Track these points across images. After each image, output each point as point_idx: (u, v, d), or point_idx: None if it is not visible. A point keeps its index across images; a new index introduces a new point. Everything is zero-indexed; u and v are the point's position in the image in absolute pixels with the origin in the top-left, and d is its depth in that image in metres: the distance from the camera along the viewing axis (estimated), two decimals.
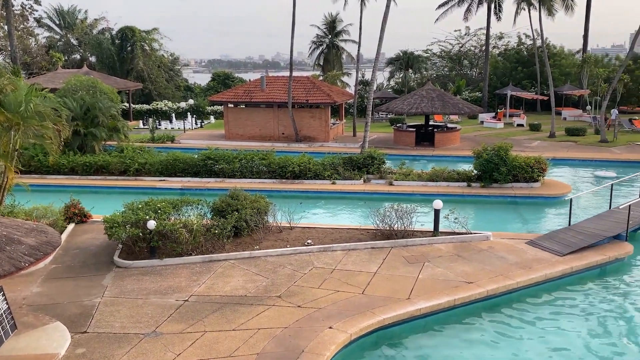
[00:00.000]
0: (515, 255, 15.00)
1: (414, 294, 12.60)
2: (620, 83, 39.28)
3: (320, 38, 60.76)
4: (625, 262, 15.25)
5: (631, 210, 16.58)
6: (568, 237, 16.02)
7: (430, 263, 14.48)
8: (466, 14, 55.30)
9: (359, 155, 25.29)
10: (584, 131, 38.03)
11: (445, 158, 31.18)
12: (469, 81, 62.61)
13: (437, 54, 67.56)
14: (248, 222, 16.22)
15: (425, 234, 16.46)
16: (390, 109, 36.96)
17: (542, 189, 22.62)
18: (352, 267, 14.26)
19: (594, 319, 12.11)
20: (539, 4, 40.37)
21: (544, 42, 41.65)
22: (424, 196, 21.76)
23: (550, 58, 52.26)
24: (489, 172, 22.59)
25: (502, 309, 12.54)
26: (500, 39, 64.64)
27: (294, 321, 11.36)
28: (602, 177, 26.01)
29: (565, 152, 31.55)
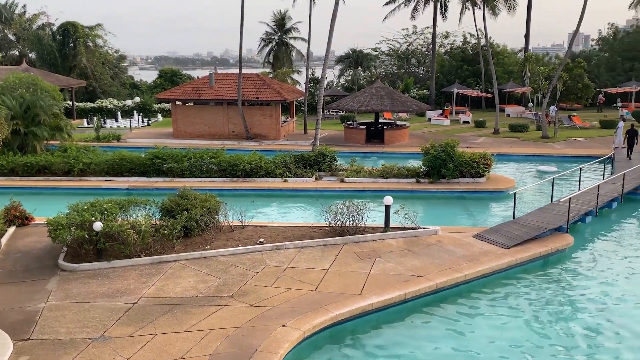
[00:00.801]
0: (462, 248, 15.40)
1: (366, 289, 12.75)
2: (559, 81, 40.87)
3: (269, 35, 60.53)
4: (566, 253, 15.91)
5: (571, 203, 17.32)
6: (513, 230, 16.58)
7: (381, 258, 14.69)
8: (413, 13, 56.30)
9: (311, 153, 25.35)
10: (526, 127, 39.42)
11: (394, 155, 31.66)
12: (417, 79, 63.77)
13: (386, 53, 68.47)
14: (198, 221, 15.99)
15: (377, 230, 16.68)
16: (341, 107, 37.20)
17: (488, 183, 23.31)
18: (305, 265, 14.29)
19: (539, 308, 12.59)
20: (483, 4, 41.52)
21: (488, 41, 42.89)
22: (375, 192, 22.05)
23: (494, 57, 53.91)
24: (437, 168, 23.10)
25: (451, 301, 12.86)
26: (447, 37, 66.12)
27: (247, 320, 11.29)
28: (544, 171, 27.02)
29: (509, 148, 32.61)
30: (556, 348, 10.87)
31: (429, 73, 58.54)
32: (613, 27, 65.88)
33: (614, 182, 21.37)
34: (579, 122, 42.08)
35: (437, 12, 54.57)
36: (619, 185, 20.79)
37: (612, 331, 11.47)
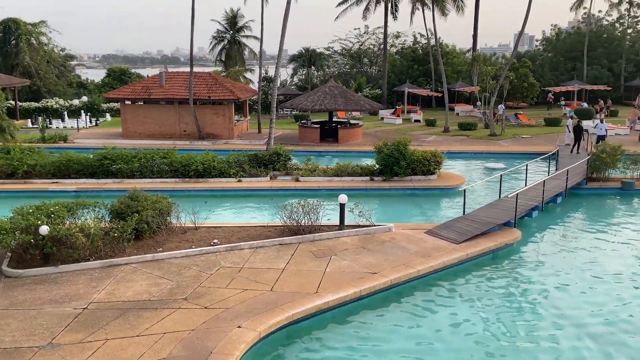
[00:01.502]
0: (415, 244, 15.67)
1: (321, 287, 12.79)
2: (506, 80, 42.15)
3: (221, 33, 59.86)
4: (514, 247, 16.43)
5: (518, 199, 17.91)
6: (463, 226, 16.99)
7: (337, 256, 14.77)
8: (365, 13, 56.84)
9: (265, 152, 25.23)
10: (475, 126, 40.47)
11: (349, 153, 31.90)
12: (369, 79, 64.46)
13: (339, 52, 68.90)
14: (150, 223, 15.66)
15: (332, 228, 16.76)
16: (295, 106, 37.19)
17: (439, 180, 23.81)
18: (260, 265, 14.21)
19: (489, 301, 12.94)
20: (432, 5, 42.39)
21: (437, 42, 43.79)
22: (330, 191, 22.16)
23: (444, 57, 55.04)
24: (390, 166, 23.42)
25: (406, 297, 13.07)
26: (397, 37, 67.12)
27: (202, 323, 11.14)
28: (492, 168, 27.81)
29: (458, 146, 33.40)
30: (507, 338, 11.20)
31: (381, 72, 59.23)
32: (556, 28, 68.49)
33: (558, 177, 22.21)
34: (525, 120, 43.52)
35: (388, 12, 55.28)
36: (563, 181, 21.63)
37: (557, 321, 11.90)
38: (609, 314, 12.18)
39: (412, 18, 52.60)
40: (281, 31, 28.64)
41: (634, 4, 61.79)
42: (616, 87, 58.86)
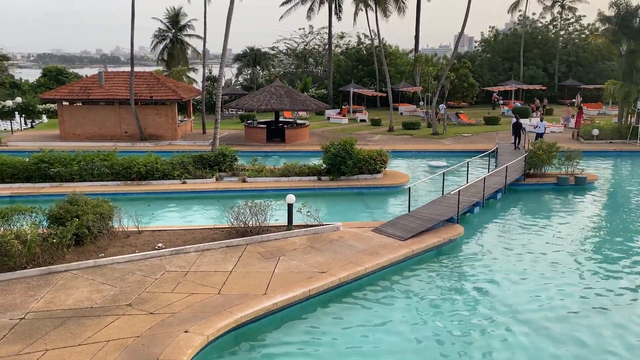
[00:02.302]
0: (363, 242, 15.84)
1: (270, 288, 12.73)
2: (447, 80, 43.28)
3: (163, 32, 58.51)
4: (457, 242, 16.88)
5: (460, 196, 18.41)
6: (408, 223, 17.32)
7: (285, 257, 14.74)
8: (309, 13, 57.04)
9: (210, 153, 24.86)
10: (418, 125, 41.34)
11: (296, 153, 31.89)
12: (315, 78, 64.71)
13: (284, 52, 68.80)
14: (91, 228, 15.13)
15: (280, 229, 16.70)
16: (240, 106, 36.85)
17: (384, 179, 24.17)
18: (207, 268, 14.00)
19: (435, 295, 13.24)
20: (375, 6, 42.93)
21: (380, 42, 44.41)
22: (277, 191, 22.08)
23: (387, 57, 55.98)
24: (337, 166, 23.59)
25: (354, 295, 13.18)
26: (342, 38, 67.68)
27: (147, 329, 10.85)
28: (435, 166, 28.48)
29: (403, 145, 34.02)
30: (454, 331, 11.49)
31: (327, 72, 59.59)
32: (494, 30, 70.91)
33: (498, 174, 22.99)
34: (465, 119, 44.82)
35: (332, 13, 55.69)
36: (503, 177, 22.42)
37: (499, 313, 12.31)
38: (547, 303, 12.69)
39: (356, 19, 53.15)
40: (225, 30, 28.30)
41: (565, 7, 64.81)
42: (551, 86, 61.61)
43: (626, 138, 34.09)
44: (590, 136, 34.37)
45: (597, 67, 62.41)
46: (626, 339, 11.14)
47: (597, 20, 39.66)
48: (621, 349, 10.73)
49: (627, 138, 34.06)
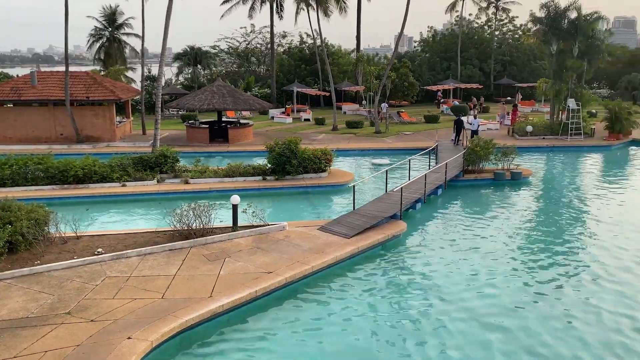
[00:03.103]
0: (309, 241, 15.90)
1: (216, 291, 12.57)
2: (388, 80, 44.03)
3: (99, 31, 56.63)
4: (401, 238, 17.22)
5: (403, 192, 18.80)
6: (353, 221, 17.52)
7: (231, 258, 14.59)
8: (250, 12, 56.65)
9: (151, 155, 24.27)
10: (361, 124, 41.85)
11: (240, 153, 31.62)
12: (258, 78, 64.32)
13: (225, 51, 68.00)
14: (25, 235, 14.46)
15: (225, 230, 16.52)
16: (181, 106, 36.18)
17: (329, 178, 24.33)
18: (150, 272, 13.67)
19: (381, 291, 13.46)
20: (316, 5, 43.12)
21: (322, 42, 44.69)
22: (222, 192, 21.83)
23: (330, 57, 56.34)
24: (282, 165, 23.55)
25: (301, 294, 13.21)
26: (284, 37, 67.59)
27: (88, 337, 10.49)
28: (378, 164, 28.92)
29: (347, 144, 34.35)
30: (401, 325, 11.71)
31: (270, 72, 59.35)
32: (432, 30, 72.65)
33: (438, 171, 23.61)
34: (406, 118, 45.75)
35: (274, 12, 55.51)
36: (443, 174, 23.05)
37: (443, 306, 12.66)
38: (483, 294, 13.15)
39: (297, 18, 53.24)
40: (164, 29, 27.68)
41: (499, 8, 67.25)
42: (487, 85, 63.78)
43: (558, 134, 35.75)
44: (525, 132, 35.84)
45: (530, 66, 65.12)
46: (553, 325, 11.69)
47: (529, 21, 41.46)
48: (548, 337, 11.24)
49: (558, 134, 35.72)
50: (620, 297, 13.01)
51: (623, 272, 14.50)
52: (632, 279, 14.08)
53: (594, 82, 71.93)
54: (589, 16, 36.08)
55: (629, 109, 35.92)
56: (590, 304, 12.64)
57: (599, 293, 13.24)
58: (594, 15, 36.12)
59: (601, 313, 12.19)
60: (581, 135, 35.44)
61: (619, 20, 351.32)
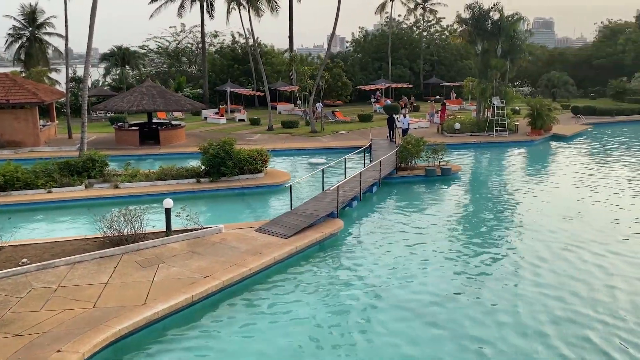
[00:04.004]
0: (246, 243, 15.75)
1: (150, 298, 12.21)
2: (322, 80, 44.35)
3: (18, 30, 53.75)
4: (338, 236, 17.38)
5: (339, 191, 18.98)
6: (291, 220, 17.51)
7: (165, 264, 14.22)
8: (180, 11, 55.54)
9: (78, 159, 23.28)
10: (296, 124, 41.93)
11: (172, 156, 30.90)
12: (190, 78, 63.10)
13: (155, 51, 66.26)
14: None
15: (158, 235, 16.08)
16: (109, 107, 34.93)
17: (266, 178, 24.21)
18: (80, 282, 13.10)
19: (320, 289, 13.51)
20: (247, 4, 42.77)
21: (255, 41, 44.44)
22: (154, 196, 21.26)
23: (263, 56, 56.10)
24: (217, 167, 23.19)
25: (239, 297, 13.05)
26: (216, 37, 66.66)
27: (13, 353, 9.91)
28: (315, 163, 29.06)
29: (283, 143, 34.31)
30: (341, 323, 11.80)
31: (201, 72, 58.37)
32: (363, 31, 73.83)
33: (372, 169, 24.01)
34: (341, 117, 46.26)
35: (204, 11, 54.67)
36: (377, 172, 23.47)
37: (377, 299, 12.88)
38: (418, 288, 13.50)
39: (228, 17, 52.55)
40: (89, 27, 26.58)
41: (427, 9, 69.24)
42: (417, 84, 65.51)
43: (484, 130, 37.22)
44: (453, 130, 37.07)
45: (457, 66, 67.47)
46: (486, 318, 12.18)
47: (455, 22, 42.88)
48: (477, 330, 11.71)
49: (485, 130, 37.19)
50: (540, 284, 13.69)
51: (546, 260, 15.28)
52: (553, 267, 14.85)
53: (517, 81, 75.51)
54: (510, 17, 37.79)
55: (549, 106, 37.89)
56: (514, 291, 13.23)
57: (522, 280, 13.88)
58: (515, 16, 37.87)
59: (524, 299, 12.79)
60: (506, 131, 37.06)
61: (538, 22, 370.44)
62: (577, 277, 14.09)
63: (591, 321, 11.76)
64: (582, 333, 11.26)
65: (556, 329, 11.42)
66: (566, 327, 11.54)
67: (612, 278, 14.01)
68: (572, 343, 10.87)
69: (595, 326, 11.55)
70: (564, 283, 13.73)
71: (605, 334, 11.22)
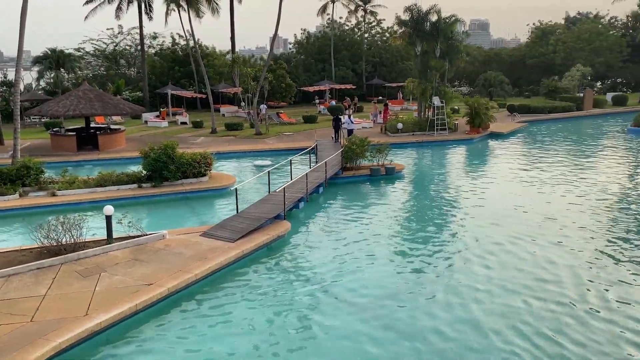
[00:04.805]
0: (191, 249, 15.48)
1: (92, 308, 11.80)
2: (266, 81, 44.16)
3: None
4: (286, 238, 17.35)
5: (285, 192, 18.98)
6: (237, 224, 17.35)
7: (107, 273, 13.78)
8: (117, 12, 54.05)
9: (11, 167, 22.22)
10: (241, 126, 41.59)
11: (112, 161, 30.02)
12: (129, 81, 61.46)
13: (92, 53, 64.15)
14: None
15: (99, 243, 15.57)
16: (44, 112, 33.55)
17: (210, 182, 23.88)
18: (16, 295, 12.50)
19: (268, 292, 13.44)
20: (187, 6, 42.07)
21: (196, 43, 43.75)
22: (94, 203, 20.61)
23: (204, 58, 55.32)
24: (159, 171, 22.68)
25: (186, 303, 12.82)
26: (155, 38, 65.27)
27: None
28: (260, 165, 28.91)
29: (227, 146, 33.94)
30: (290, 325, 11.78)
31: (141, 74, 56.97)
32: (306, 32, 74.05)
33: (318, 170, 24.13)
34: (286, 119, 46.23)
35: (142, 13, 53.38)
36: (323, 172, 23.60)
37: (325, 299, 12.96)
38: (370, 283, 13.68)
39: (167, 19, 51.59)
40: (19, 28, 25.39)
41: (367, 11, 70.22)
42: (360, 85, 66.31)
43: (425, 130, 38.11)
44: (396, 130, 37.76)
45: (399, 67, 68.77)
46: (434, 312, 12.50)
47: (395, 23, 43.58)
48: (425, 322, 12.00)
49: (426, 130, 38.09)
50: (479, 277, 14.17)
51: (487, 253, 15.81)
52: (492, 259, 15.39)
53: (456, 81, 77.74)
54: (447, 19, 38.85)
55: (486, 105, 39.22)
56: (458, 284, 13.63)
57: (464, 273, 14.31)
58: (452, 18, 38.96)
59: (464, 291, 13.20)
60: (446, 130, 38.09)
61: (474, 23, 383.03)
62: (518, 267, 14.65)
63: (536, 310, 12.27)
64: (520, 321, 11.72)
65: (495, 320, 11.84)
66: (507, 317, 11.99)
67: (545, 266, 14.65)
68: (506, 332, 11.30)
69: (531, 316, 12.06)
70: (507, 274, 14.24)
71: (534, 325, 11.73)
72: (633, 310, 12.19)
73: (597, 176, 25.81)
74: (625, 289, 13.33)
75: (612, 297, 12.89)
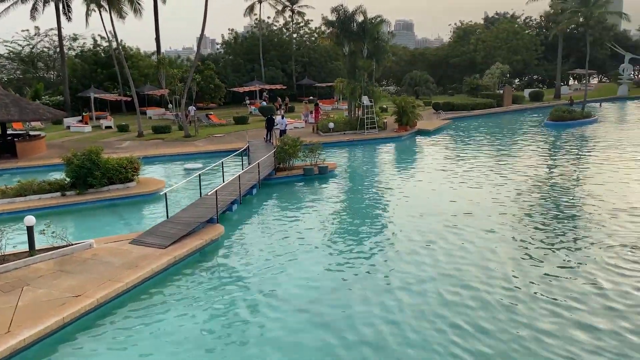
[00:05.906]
0: (120, 257, 14.97)
1: (15, 324, 11.17)
2: (193, 82, 43.35)
3: None
4: (220, 241, 17.12)
5: (218, 195, 18.72)
6: (168, 229, 16.93)
7: (30, 286, 13.09)
8: (33, 13, 51.32)
9: None
10: (169, 128, 40.63)
11: (32, 169, 28.54)
12: (48, 84, 58.58)
13: (5, 56, 60.62)
14: None
15: (21, 256, 14.74)
16: None
17: (138, 187, 23.17)
18: None
19: (203, 297, 13.22)
20: (108, 6, 40.57)
21: (119, 44, 42.31)
22: (13, 214, 19.53)
23: (128, 60, 53.60)
24: (83, 178, 21.77)
25: (117, 313, 12.39)
26: (75, 40, 62.58)
27: None
28: (191, 168, 28.33)
29: (155, 150, 33.06)
30: (227, 329, 11.64)
31: (61, 78, 54.40)
32: (233, 32, 73.31)
33: (251, 171, 23.97)
34: (216, 120, 45.60)
35: (61, 13, 50.99)
36: (256, 174, 23.47)
37: (261, 300, 12.91)
38: (306, 282, 13.76)
39: (88, 20, 49.46)
40: None
41: (295, 11, 70.41)
42: (290, 85, 66.42)
43: (356, 129, 38.73)
44: (327, 129, 38.14)
45: (328, 67, 69.44)
46: (374, 308, 12.75)
47: (323, 24, 43.96)
48: (362, 319, 12.24)
49: (357, 129, 38.71)
50: (410, 272, 14.61)
51: (420, 245, 16.31)
52: (423, 252, 15.89)
53: (383, 80, 79.57)
54: (373, 19, 39.65)
55: (413, 103, 40.37)
56: (391, 278, 13.99)
57: (397, 267, 14.69)
58: (378, 18, 39.80)
59: (398, 283, 13.58)
60: (376, 129, 38.87)
61: (399, 23, 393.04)
62: (448, 254, 15.21)
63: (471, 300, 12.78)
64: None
65: (431, 309, 12.25)
66: (454, 308, 12.42)
67: (471, 255, 15.31)
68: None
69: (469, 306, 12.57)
70: (439, 264, 14.74)
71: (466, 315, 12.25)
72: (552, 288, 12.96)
73: (518, 167, 27.21)
74: (538, 270, 14.14)
75: (533, 283, 13.63)
